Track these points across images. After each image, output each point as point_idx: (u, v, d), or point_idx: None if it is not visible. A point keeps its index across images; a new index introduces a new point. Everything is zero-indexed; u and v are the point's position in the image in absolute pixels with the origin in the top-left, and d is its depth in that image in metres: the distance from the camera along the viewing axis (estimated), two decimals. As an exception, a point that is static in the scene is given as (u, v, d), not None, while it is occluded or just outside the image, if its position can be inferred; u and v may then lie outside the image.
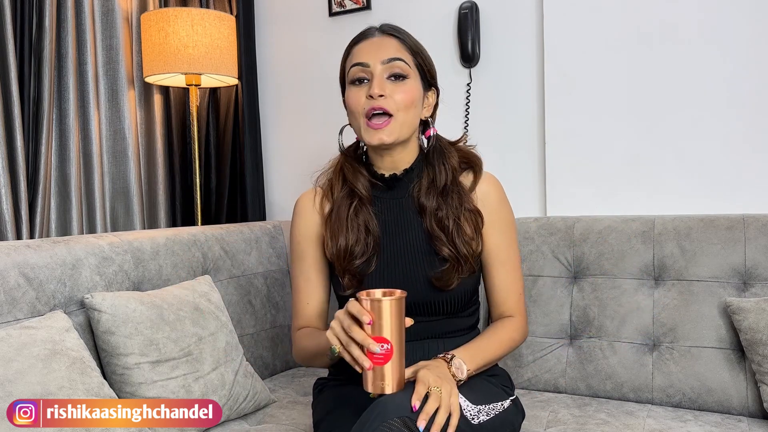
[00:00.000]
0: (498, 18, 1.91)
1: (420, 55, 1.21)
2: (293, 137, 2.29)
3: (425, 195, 1.21)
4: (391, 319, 0.95)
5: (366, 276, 1.19)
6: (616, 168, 1.76)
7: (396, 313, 0.96)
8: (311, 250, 1.28)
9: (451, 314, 1.22)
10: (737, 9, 1.61)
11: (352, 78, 1.18)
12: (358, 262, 1.19)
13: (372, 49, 1.17)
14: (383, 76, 1.16)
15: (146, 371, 1.26)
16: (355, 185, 1.23)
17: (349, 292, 1.19)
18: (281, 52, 2.28)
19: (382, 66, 1.16)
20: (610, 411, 1.44)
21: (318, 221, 1.28)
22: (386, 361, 0.96)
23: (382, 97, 1.15)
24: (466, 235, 1.19)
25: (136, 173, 2.07)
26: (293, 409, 1.50)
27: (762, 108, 1.60)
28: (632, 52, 1.72)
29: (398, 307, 0.96)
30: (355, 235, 1.20)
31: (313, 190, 1.31)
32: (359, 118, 1.17)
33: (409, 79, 1.18)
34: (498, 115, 1.93)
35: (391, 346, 0.95)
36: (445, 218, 1.19)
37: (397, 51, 1.18)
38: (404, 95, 1.16)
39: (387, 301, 0.95)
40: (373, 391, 0.98)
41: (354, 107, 1.18)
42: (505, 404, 1.15)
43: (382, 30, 1.21)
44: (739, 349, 1.44)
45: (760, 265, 1.46)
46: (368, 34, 1.21)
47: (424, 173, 1.23)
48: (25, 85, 1.77)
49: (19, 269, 1.22)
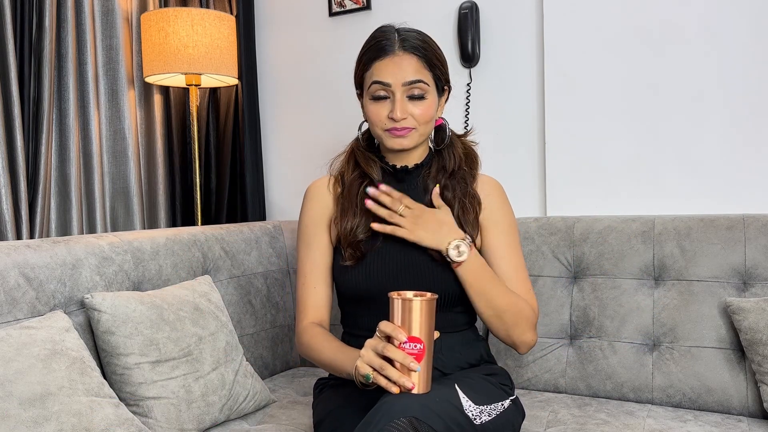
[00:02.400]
0: (498, 18, 1.91)
1: (438, 67, 1.24)
2: (293, 137, 2.29)
3: (433, 178, 1.27)
4: (421, 318, 0.97)
5: (369, 254, 1.22)
6: (616, 168, 1.76)
7: (427, 314, 0.97)
8: (320, 235, 1.31)
9: (449, 306, 1.23)
10: (737, 9, 1.61)
11: (373, 94, 1.22)
12: (362, 236, 1.23)
13: (394, 69, 1.20)
14: (404, 97, 1.20)
15: (146, 371, 1.26)
16: (367, 171, 1.28)
17: (349, 263, 1.22)
18: (281, 52, 2.28)
19: (403, 87, 1.19)
20: (610, 411, 1.44)
21: (330, 204, 1.31)
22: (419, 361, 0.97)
23: (404, 119, 1.20)
24: (469, 215, 1.24)
25: (136, 173, 2.07)
26: (293, 409, 1.50)
27: (762, 108, 1.60)
28: (632, 53, 1.72)
29: (429, 308, 0.98)
30: (360, 213, 1.24)
31: (327, 177, 1.35)
32: (379, 130, 1.23)
33: (428, 97, 1.22)
34: (498, 115, 1.93)
35: (423, 346, 0.97)
36: (451, 198, 1.25)
37: (417, 72, 1.20)
38: (423, 112, 1.21)
39: (418, 301, 0.97)
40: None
41: (375, 120, 1.23)
42: (505, 404, 1.15)
43: (403, 47, 1.21)
44: (739, 349, 1.44)
45: (760, 265, 1.46)
46: (389, 50, 1.21)
47: (434, 161, 1.29)
48: (25, 85, 1.77)
49: (19, 269, 1.22)
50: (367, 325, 1.23)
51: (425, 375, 0.99)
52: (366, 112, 1.25)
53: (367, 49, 1.24)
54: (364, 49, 1.25)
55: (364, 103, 1.25)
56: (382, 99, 1.21)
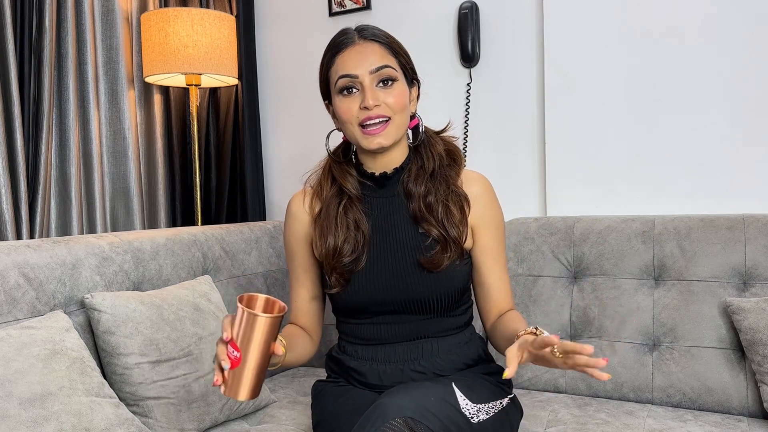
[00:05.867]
0: (498, 18, 1.91)
1: (401, 55, 1.21)
2: (293, 137, 2.29)
3: (414, 182, 1.22)
4: (244, 328, 0.94)
5: (354, 273, 1.20)
6: (616, 168, 1.76)
7: (250, 327, 0.94)
8: (300, 251, 1.29)
9: (444, 313, 1.21)
10: (737, 9, 1.61)
11: (341, 88, 1.17)
12: (347, 260, 1.19)
13: (357, 58, 1.16)
14: (373, 85, 1.16)
15: (146, 371, 1.26)
16: (344, 185, 1.23)
17: (335, 291, 1.20)
18: (281, 52, 2.28)
19: (371, 75, 1.16)
20: (610, 411, 1.44)
21: (307, 222, 1.28)
22: (233, 367, 0.94)
23: (377, 107, 1.15)
24: (454, 217, 1.20)
25: (136, 173, 2.07)
26: (293, 409, 1.50)
27: (762, 108, 1.60)
28: (632, 52, 1.72)
29: (252, 322, 0.94)
30: (344, 234, 1.20)
31: (303, 192, 1.31)
32: (353, 127, 1.18)
33: (397, 81, 1.18)
34: (498, 114, 1.93)
35: (239, 355, 0.94)
36: (434, 202, 1.20)
37: (382, 57, 1.17)
38: (396, 98, 1.17)
39: (240, 310, 0.94)
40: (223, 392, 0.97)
41: (346, 117, 1.17)
42: (503, 403, 1.15)
43: (362, 35, 1.19)
44: (739, 349, 1.44)
45: (760, 265, 1.46)
46: (348, 41, 1.18)
47: (413, 162, 1.25)
48: (25, 85, 1.77)
49: (19, 269, 1.22)
50: (362, 334, 1.23)
51: (238, 381, 0.95)
52: (337, 112, 1.19)
53: (327, 50, 1.21)
54: (324, 54, 1.22)
55: (334, 104, 1.20)
56: (351, 93, 1.17)
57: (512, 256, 1.70)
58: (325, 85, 1.23)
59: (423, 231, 1.20)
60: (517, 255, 1.70)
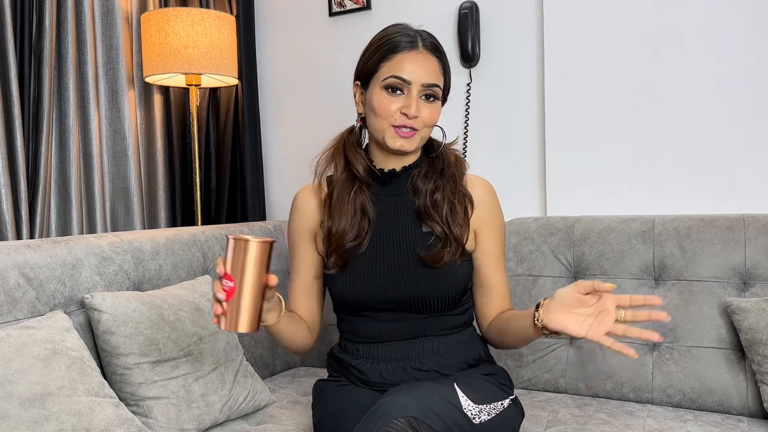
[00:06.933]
0: (498, 18, 1.91)
1: (448, 77, 1.24)
2: (293, 137, 2.29)
3: (423, 178, 1.24)
4: (234, 257, 0.96)
5: (354, 259, 1.21)
6: (616, 168, 1.76)
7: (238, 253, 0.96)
8: (302, 244, 1.30)
9: (444, 311, 1.22)
10: (737, 10, 1.61)
11: (388, 85, 1.17)
12: (350, 243, 1.21)
13: (416, 67, 1.17)
14: (419, 96, 1.18)
15: (146, 371, 1.26)
16: (356, 167, 1.24)
17: (333, 272, 1.22)
18: (281, 52, 2.28)
19: (421, 87, 1.17)
20: (610, 411, 1.44)
21: (312, 217, 1.29)
22: (228, 298, 0.97)
23: (415, 118, 1.18)
24: (458, 216, 1.22)
25: (136, 173, 2.07)
26: (293, 409, 1.50)
27: (762, 108, 1.60)
28: (632, 53, 1.72)
29: (242, 249, 0.96)
30: (351, 217, 1.22)
31: (311, 186, 1.32)
32: (384, 122, 1.18)
33: (438, 101, 1.21)
34: (498, 115, 1.93)
35: (234, 284, 0.96)
36: (440, 200, 1.22)
37: (437, 76, 1.19)
38: (432, 116, 1.19)
39: (231, 239, 0.97)
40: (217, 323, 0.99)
41: (383, 112, 1.18)
42: (505, 404, 1.15)
43: (426, 46, 1.19)
44: (739, 349, 1.44)
45: (760, 265, 1.46)
46: (410, 44, 1.18)
47: (425, 162, 1.27)
48: (25, 85, 1.77)
49: (19, 269, 1.22)
50: (363, 332, 1.24)
51: (236, 313, 0.97)
52: (373, 103, 1.18)
53: (388, 40, 1.19)
54: (382, 40, 1.20)
55: (372, 93, 1.19)
56: (395, 93, 1.18)
57: (512, 256, 1.70)
58: (367, 70, 1.22)
59: (426, 229, 1.21)
60: (517, 255, 1.70)
